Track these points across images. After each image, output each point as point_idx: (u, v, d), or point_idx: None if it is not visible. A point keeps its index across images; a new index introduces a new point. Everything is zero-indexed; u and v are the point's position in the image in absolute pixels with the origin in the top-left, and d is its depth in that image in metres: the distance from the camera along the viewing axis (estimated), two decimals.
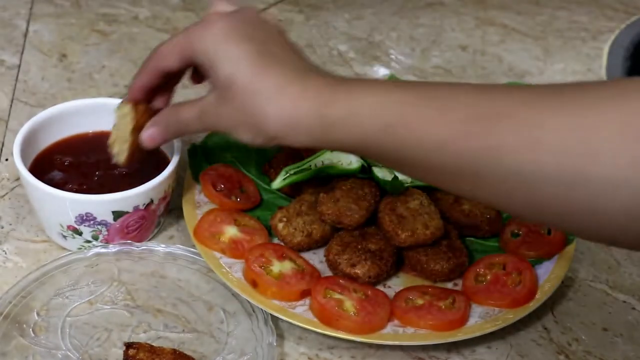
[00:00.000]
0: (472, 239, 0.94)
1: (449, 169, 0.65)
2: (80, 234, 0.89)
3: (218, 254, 0.88)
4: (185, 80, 0.85)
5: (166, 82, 0.84)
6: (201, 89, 0.80)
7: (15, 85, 1.13)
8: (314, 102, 0.69)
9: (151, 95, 0.85)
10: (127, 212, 0.88)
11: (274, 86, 0.70)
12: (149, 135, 0.83)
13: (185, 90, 0.89)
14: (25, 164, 0.89)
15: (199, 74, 0.82)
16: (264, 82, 0.71)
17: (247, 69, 0.72)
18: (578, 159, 0.59)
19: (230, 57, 0.73)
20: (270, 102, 0.70)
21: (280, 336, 0.85)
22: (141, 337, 0.83)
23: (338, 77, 0.73)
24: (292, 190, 0.96)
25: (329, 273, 0.89)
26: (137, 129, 0.84)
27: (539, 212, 0.63)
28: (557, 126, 0.60)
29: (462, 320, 0.83)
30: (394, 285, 0.89)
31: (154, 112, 0.84)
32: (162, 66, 0.80)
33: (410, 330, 0.83)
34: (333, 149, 0.71)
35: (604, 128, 0.59)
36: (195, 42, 0.76)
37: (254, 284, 0.85)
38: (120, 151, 0.86)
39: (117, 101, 0.91)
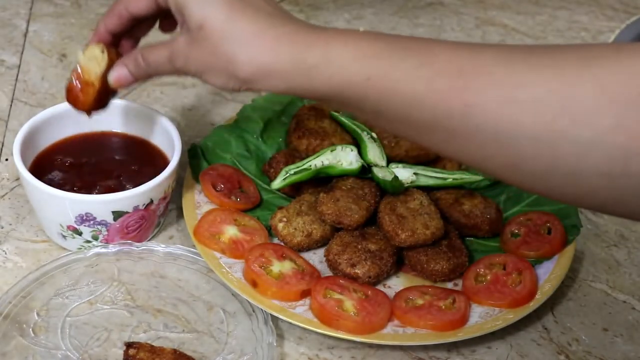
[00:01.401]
0: (472, 239, 0.94)
1: (425, 123, 0.65)
2: (80, 234, 0.89)
3: (218, 254, 0.88)
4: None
5: (133, 29, 0.83)
6: None
7: (15, 85, 1.13)
8: (289, 47, 0.68)
9: (117, 41, 0.83)
10: (127, 212, 0.88)
11: (247, 31, 0.70)
12: (118, 75, 0.80)
13: None
14: (25, 164, 0.89)
15: (168, 22, 0.81)
16: (237, 26, 0.70)
17: (219, 13, 0.71)
18: (557, 119, 0.59)
19: (198, 9, 0.72)
20: (244, 48, 0.69)
21: (280, 336, 0.85)
22: (141, 337, 0.83)
23: (314, 25, 0.72)
24: (292, 190, 0.96)
25: (329, 273, 0.89)
26: (107, 73, 0.81)
27: (513, 169, 0.63)
28: (536, 86, 0.60)
29: (462, 320, 0.83)
30: (394, 285, 0.89)
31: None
32: (131, 9, 0.79)
33: (410, 330, 0.83)
34: (306, 96, 0.70)
35: (583, 89, 0.59)
36: None
37: (254, 284, 0.85)
38: (85, 96, 0.83)
39: (116, 101, 0.91)
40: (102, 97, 0.83)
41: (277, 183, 0.95)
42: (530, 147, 0.61)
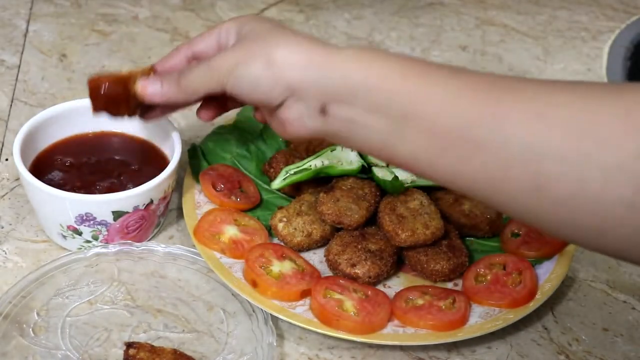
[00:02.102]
0: (472, 239, 0.94)
1: (451, 133, 0.64)
2: (80, 234, 0.89)
3: (218, 254, 0.88)
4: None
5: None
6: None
7: (15, 85, 1.13)
8: (324, 45, 0.73)
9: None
10: (127, 212, 0.88)
11: (288, 33, 0.75)
12: (145, 84, 0.80)
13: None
14: (25, 164, 0.89)
15: (209, 108, 0.85)
16: (281, 33, 0.75)
17: (267, 28, 0.76)
18: (582, 140, 0.59)
19: (253, 23, 0.78)
20: (284, 37, 0.74)
21: (280, 336, 0.85)
22: (141, 337, 0.83)
23: None
24: (292, 190, 0.96)
25: (329, 273, 0.89)
26: (134, 75, 0.81)
27: (537, 194, 0.62)
28: (564, 105, 0.60)
29: (462, 320, 0.83)
30: (394, 285, 0.89)
31: None
32: (192, 45, 0.82)
33: (410, 330, 0.83)
34: (335, 93, 0.70)
35: (608, 112, 0.59)
36: (225, 23, 0.80)
37: (254, 284, 0.85)
38: (104, 78, 0.83)
39: None
40: (118, 92, 0.82)
41: (277, 183, 0.95)
42: (556, 168, 0.60)
